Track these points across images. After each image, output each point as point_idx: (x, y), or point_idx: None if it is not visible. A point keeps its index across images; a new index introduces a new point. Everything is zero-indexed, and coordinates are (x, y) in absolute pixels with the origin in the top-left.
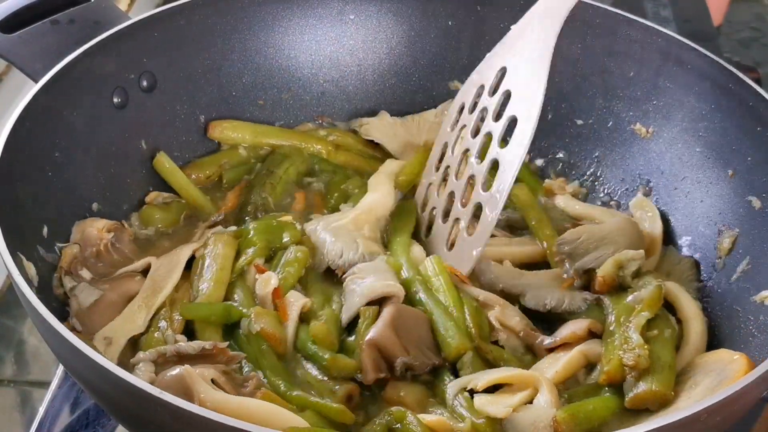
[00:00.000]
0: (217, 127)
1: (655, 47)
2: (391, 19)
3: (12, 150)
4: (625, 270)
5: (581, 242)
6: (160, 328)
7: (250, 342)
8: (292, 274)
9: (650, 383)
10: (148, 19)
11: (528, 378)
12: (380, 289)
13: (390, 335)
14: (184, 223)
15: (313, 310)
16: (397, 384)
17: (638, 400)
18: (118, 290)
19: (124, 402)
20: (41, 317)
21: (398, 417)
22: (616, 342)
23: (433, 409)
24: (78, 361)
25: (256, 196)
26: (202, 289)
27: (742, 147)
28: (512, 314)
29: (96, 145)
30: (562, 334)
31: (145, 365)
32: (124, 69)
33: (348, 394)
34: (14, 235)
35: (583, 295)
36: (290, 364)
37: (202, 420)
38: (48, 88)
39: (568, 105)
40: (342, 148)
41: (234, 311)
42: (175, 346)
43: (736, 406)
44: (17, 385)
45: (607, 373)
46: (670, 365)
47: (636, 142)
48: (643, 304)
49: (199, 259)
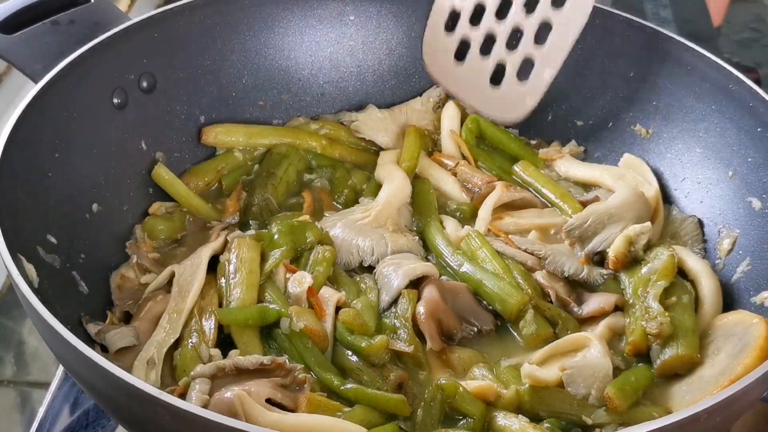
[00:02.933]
0: (210, 132)
1: (655, 48)
2: (391, 20)
3: (12, 151)
4: (636, 245)
5: (589, 225)
6: (193, 342)
7: (293, 341)
8: (321, 273)
9: (676, 348)
10: (148, 20)
11: (578, 340)
12: (421, 269)
13: (443, 306)
14: (199, 226)
15: (347, 302)
16: (454, 348)
17: (667, 367)
18: (146, 317)
19: (123, 402)
20: (41, 318)
21: (450, 390)
22: (637, 313)
23: (479, 371)
24: (77, 361)
25: (259, 198)
26: (234, 294)
27: (742, 148)
28: (555, 279)
29: (96, 145)
30: (590, 307)
31: (201, 383)
32: (124, 70)
33: (399, 381)
34: (14, 236)
35: (600, 270)
36: (334, 359)
37: (201, 420)
38: (48, 89)
39: (567, 105)
40: (336, 142)
41: (270, 312)
42: (233, 360)
43: (736, 406)
44: (17, 386)
45: (632, 344)
46: (693, 329)
47: (636, 142)
48: (658, 274)
49: (225, 263)
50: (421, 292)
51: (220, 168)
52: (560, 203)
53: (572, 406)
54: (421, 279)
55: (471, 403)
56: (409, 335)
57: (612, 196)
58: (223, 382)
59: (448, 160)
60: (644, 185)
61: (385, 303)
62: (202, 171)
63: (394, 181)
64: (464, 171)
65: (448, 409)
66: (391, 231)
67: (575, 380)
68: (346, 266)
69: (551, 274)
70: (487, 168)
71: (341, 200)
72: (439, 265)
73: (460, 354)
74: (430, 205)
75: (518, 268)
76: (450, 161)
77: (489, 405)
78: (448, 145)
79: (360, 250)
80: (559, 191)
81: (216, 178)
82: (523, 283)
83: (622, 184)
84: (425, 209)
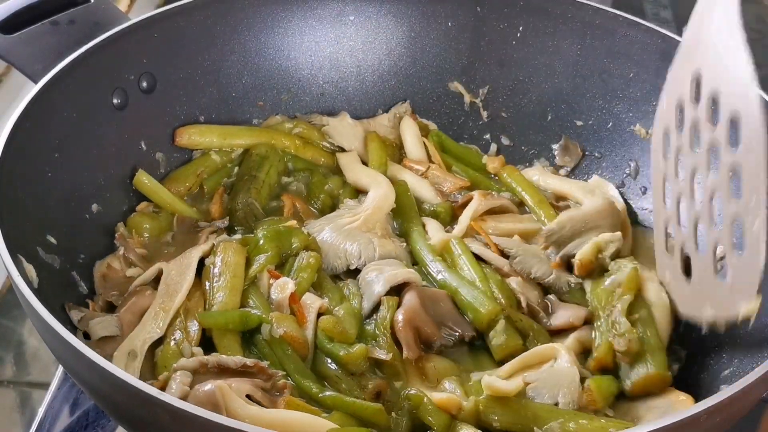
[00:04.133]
0: (184, 133)
1: (655, 48)
2: (391, 20)
3: (12, 151)
4: (605, 252)
5: (566, 230)
6: (176, 339)
7: (273, 347)
8: (305, 279)
9: (646, 367)
10: (148, 20)
11: (546, 352)
12: (402, 276)
13: (422, 314)
14: (188, 227)
15: (329, 309)
16: (430, 357)
17: (639, 387)
18: (132, 309)
19: (123, 403)
20: (41, 318)
21: (415, 401)
22: (602, 327)
23: (449, 384)
24: (77, 362)
25: (243, 202)
26: (217, 297)
27: None
28: (531, 287)
29: (96, 146)
30: (559, 320)
31: (182, 375)
32: (123, 70)
33: (377, 390)
34: (14, 236)
35: (568, 277)
36: (314, 366)
37: (201, 421)
38: (48, 89)
39: (567, 106)
40: (309, 143)
41: (251, 318)
42: (217, 358)
43: (736, 407)
44: (17, 386)
45: (596, 360)
46: (659, 346)
47: (636, 143)
48: (623, 287)
49: (210, 266)
50: (402, 298)
51: (199, 172)
52: (537, 209)
53: (526, 417)
54: (403, 285)
55: (434, 415)
56: (388, 343)
57: (587, 203)
58: (204, 378)
59: (418, 165)
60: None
61: (366, 309)
62: (182, 176)
63: (381, 186)
64: (435, 174)
65: (415, 420)
66: (379, 236)
67: (540, 392)
68: (332, 270)
69: (526, 282)
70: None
71: (317, 205)
72: (419, 272)
73: (436, 364)
74: (411, 209)
75: (495, 278)
76: (420, 166)
77: (453, 417)
78: (414, 151)
79: (347, 254)
80: (537, 197)
81: (197, 182)
82: (498, 293)
83: (591, 197)
84: (407, 213)
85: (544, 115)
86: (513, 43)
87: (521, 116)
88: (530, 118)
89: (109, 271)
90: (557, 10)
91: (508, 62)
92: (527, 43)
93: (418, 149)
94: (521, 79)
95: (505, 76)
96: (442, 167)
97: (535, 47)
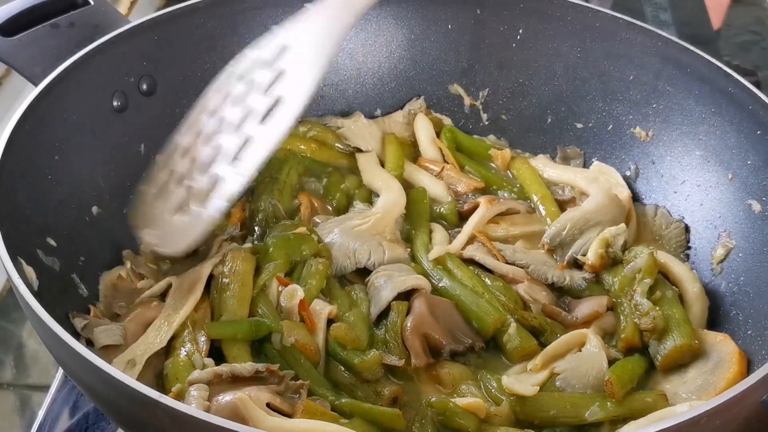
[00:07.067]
0: None
1: (655, 51)
2: (391, 22)
3: (12, 153)
4: (614, 246)
5: (567, 232)
6: (186, 351)
7: (285, 356)
8: (314, 286)
9: (674, 340)
10: (148, 23)
11: (574, 338)
12: (410, 282)
13: (431, 321)
14: None
15: (339, 315)
16: (443, 363)
17: (670, 360)
18: (137, 320)
19: (123, 405)
20: (41, 321)
21: (440, 408)
22: (626, 311)
23: (467, 387)
24: (77, 364)
25: (266, 204)
26: (225, 307)
27: (742, 150)
28: (538, 289)
29: (96, 148)
30: (584, 311)
31: (199, 389)
32: (123, 73)
33: (393, 396)
34: (14, 239)
35: (581, 274)
36: (327, 373)
37: (200, 423)
38: (48, 92)
39: (567, 108)
40: (324, 146)
41: (261, 327)
42: (230, 367)
43: (736, 409)
44: (17, 389)
45: (624, 340)
46: (684, 318)
47: (636, 145)
48: (643, 272)
49: (218, 276)
50: (411, 305)
51: None
52: (540, 206)
53: (565, 408)
54: (412, 291)
55: (464, 417)
56: (399, 349)
57: (586, 201)
58: (219, 389)
59: (433, 165)
60: (617, 188)
61: (373, 314)
62: None
63: (393, 191)
64: (450, 175)
65: (440, 426)
66: (388, 240)
67: (569, 382)
68: (341, 270)
69: (533, 286)
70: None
71: (334, 204)
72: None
73: (450, 369)
74: (422, 216)
75: (497, 284)
76: (435, 166)
77: (483, 422)
78: (428, 151)
79: (356, 253)
80: (541, 193)
81: None
82: (503, 297)
83: (595, 187)
84: (417, 219)
85: (543, 117)
86: (513, 46)
87: (521, 119)
88: (530, 120)
89: (120, 281)
90: (557, 13)
91: (508, 65)
92: (527, 45)
93: (432, 149)
94: (521, 81)
95: (505, 78)
96: (456, 167)
97: (535, 50)
